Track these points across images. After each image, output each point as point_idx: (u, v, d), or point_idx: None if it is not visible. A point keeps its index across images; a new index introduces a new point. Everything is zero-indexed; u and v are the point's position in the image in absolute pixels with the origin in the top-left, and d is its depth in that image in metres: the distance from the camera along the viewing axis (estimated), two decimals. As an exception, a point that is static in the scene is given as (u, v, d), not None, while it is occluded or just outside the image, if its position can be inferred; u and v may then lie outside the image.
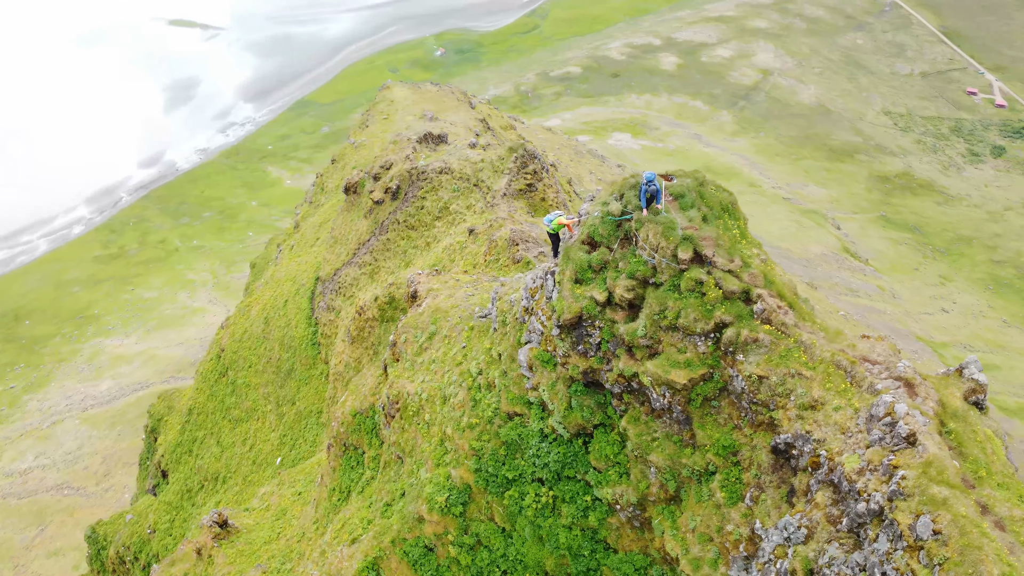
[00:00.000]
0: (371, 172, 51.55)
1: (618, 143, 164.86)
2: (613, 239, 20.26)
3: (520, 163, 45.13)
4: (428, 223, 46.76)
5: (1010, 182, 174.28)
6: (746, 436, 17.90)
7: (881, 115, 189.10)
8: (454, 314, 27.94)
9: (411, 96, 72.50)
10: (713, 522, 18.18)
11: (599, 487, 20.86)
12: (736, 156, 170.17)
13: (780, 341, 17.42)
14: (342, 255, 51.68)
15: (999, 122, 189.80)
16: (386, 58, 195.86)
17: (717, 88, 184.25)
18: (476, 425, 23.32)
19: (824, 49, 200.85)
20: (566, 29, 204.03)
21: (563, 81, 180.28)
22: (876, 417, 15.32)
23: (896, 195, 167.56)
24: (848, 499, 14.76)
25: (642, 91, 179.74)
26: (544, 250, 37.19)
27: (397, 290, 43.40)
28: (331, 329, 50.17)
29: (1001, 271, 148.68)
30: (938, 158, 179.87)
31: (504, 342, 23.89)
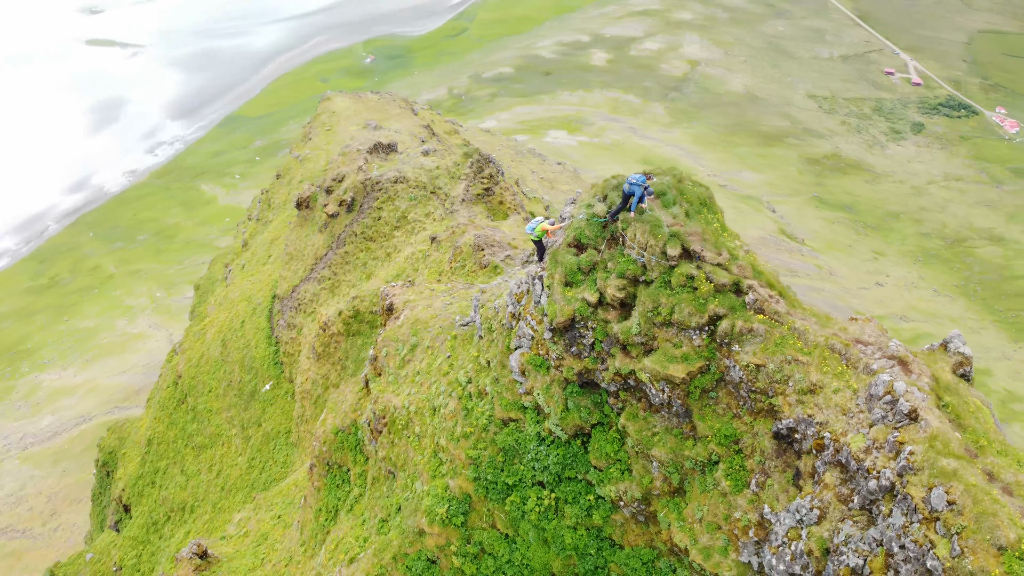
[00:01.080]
0: (323, 185, 50.97)
1: (555, 140, 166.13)
2: (600, 240, 20.54)
3: (476, 168, 45.23)
4: (387, 233, 46.50)
5: (931, 157, 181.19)
6: (746, 424, 18.36)
7: (807, 99, 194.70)
8: (434, 324, 27.89)
9: (353, 106, 71.81)
10: (720, 510, 18.60)
11: (601, 485, 21.11)
12: (672, 147, 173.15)
13: (774, 329, 17.93)
14: (299, 271, 50.99)
15: (917, 100, 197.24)
16: (316, 68, 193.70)
17: (648, 81, 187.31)
18: (471, 434, 23.34)
19: (748, 38, 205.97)
20: (495, 30, 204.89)
21: (496, 82, 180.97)
22: (876, 396, 15.91)
23: (827, 176, 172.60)
24: (857, 477, 15.30)
25: (575, 88, 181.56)
26: (510, 253, 37.37)
27: (361, 303, 43.08)
28: (293, 347, 49.48)
29: (928, 243, 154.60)
30: (863, 138, 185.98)
31: (492, 349, 23.96)
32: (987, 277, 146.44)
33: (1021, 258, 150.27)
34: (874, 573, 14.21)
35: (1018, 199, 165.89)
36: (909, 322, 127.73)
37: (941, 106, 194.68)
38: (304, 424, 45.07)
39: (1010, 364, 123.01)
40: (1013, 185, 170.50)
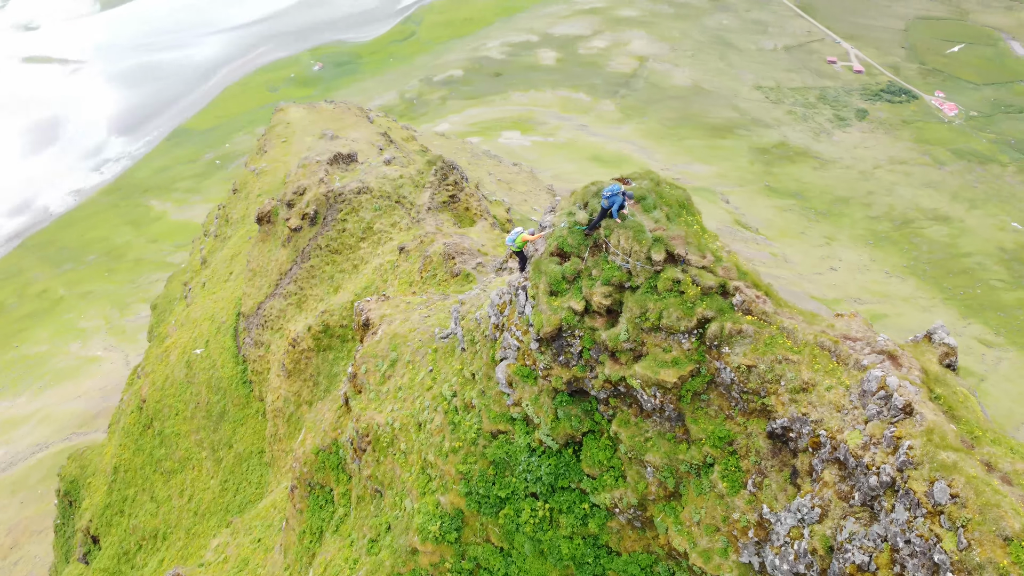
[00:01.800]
0: (284, 199, 50.17)
1: (509, 141, 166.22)
2: (583, 248, 20.48)
3: (441, 175, 44.93)
4: (352, 245, 45.94)
5: (875, 142, 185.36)
6: (739, 425, 18.46)
7: (753, 90, 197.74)
8: (413, 338, 27.58)
9: (308, 116, 70.86)
10: (718, 512, 18.68)
11: (596, 493, 21.06)
12: (624, 143, 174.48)
13: (763, 329, 18.05)
14: (263, 287, 50.12)
15: (859, 87, 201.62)
16: (262, 78, 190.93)
17: (597, 78, 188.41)
18: (459, 448, 23.12)
19: (693, 32, 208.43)
20: (443, 33, 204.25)
21: (447, 85, 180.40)
22: (869, 392, 16.10)
23: (776, 165, 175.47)
24: (857, 474, 15.47)
25: (526, 88, 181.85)
26: (481, 260, 37.19)
27: (331, 317, 42.54)
28: (262, 365, 48.63)
29: (878, 226, 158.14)
30: (809, 126, 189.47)
31: (476, 361, 23.76)
32: (935, 256, 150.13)
33: (966, 236, 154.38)
34: (881, 569, 14.37)
35: (960, 179, 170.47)
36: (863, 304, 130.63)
37: (883, 92, 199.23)
38: (277, 443, 44.32)
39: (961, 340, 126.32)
40: (954, 166, 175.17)
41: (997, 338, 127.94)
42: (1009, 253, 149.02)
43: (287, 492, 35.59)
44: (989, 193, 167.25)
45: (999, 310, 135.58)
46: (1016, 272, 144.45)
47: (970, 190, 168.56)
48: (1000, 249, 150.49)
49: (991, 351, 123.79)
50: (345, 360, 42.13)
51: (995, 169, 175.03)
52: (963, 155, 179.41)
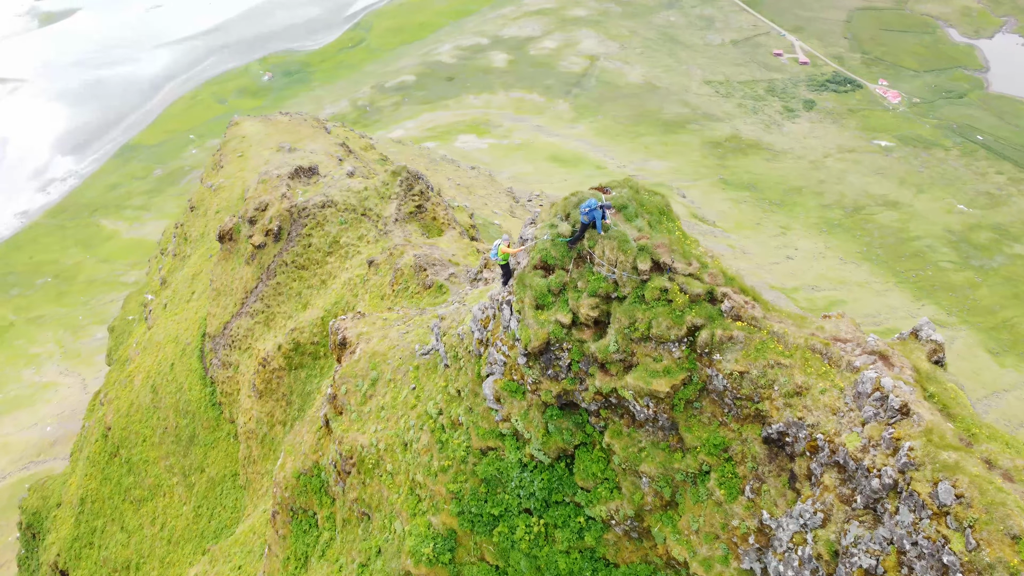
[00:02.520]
0: (245, 216, 49.21)
1: (465, 145, 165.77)
2: (567, 260, 20.30)
3: (406, 186, 44.44)
4: (319, 260, 45.22)
5: (824, 131, 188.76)
6: (734, 431, 18.45)
7: (703, 85, 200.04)
8: (393, 356, 27.15)
9: (263, 129, 69.68)
10: (716, 520, 18.64)
11: (591, 506, 20.91)
12: (579, 142, 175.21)
13: (754, 335, 18.05)
14: (229, 307, 49.10)
15: (805, 78, 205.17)
16: (211, 90, 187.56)
17: (550, 79, 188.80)
18: (449, 467, 22.78)
19: (642, 29, 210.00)
20: (393, 39, 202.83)
21: (399, 91, 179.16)
22: (864, 394, 16.18)
23: (729, 158, 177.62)
24: (858, 477, 15.53)
25: (479, 91, 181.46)
26: (453, 271, 36.86)
27: (301, 335, 41.85)
28: (231, 386, 47.63)
29: (830, 213, 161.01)
30: (759, 118, 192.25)
31: (461, 378, 23.45)
32: (886, 241, 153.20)
33: (915, 220, 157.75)
34: (888, 572, 14.42)
35: (906, 164, 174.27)
36: (820, 291, 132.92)
37: (828, 82, 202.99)
38: (252, 465, 43.43)
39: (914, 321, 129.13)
40: (901, 152, 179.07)
41: (949, 318, 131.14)
42: (956, 234, 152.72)
43: (267, 517, 34.87)
44: (934, 177, 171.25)
45: (950, 291, 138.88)
46: (964, 253, 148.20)
47: (916, 175, 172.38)
48: (948, 231, 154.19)
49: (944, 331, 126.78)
50: (318, 378, 41.44)
51: (939, 153, 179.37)
52: (908, 141, 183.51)
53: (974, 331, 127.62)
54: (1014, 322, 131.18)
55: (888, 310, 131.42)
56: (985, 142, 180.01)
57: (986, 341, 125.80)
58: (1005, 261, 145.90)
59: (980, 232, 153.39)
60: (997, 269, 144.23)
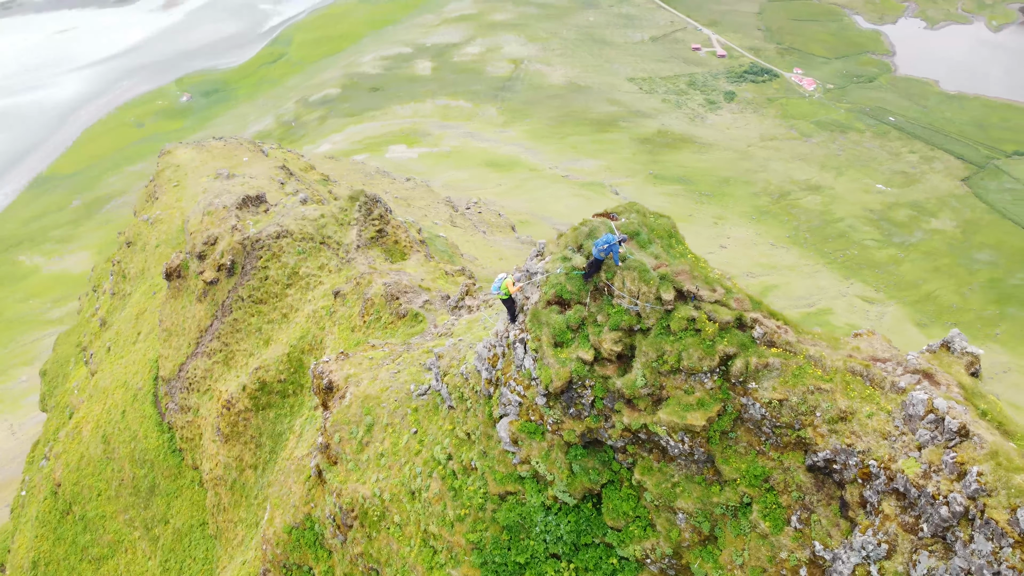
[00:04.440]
0: (194, 251, 46.88)
1: (396, 155, 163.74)
2: (584, 294, 19.44)
3: (366, 210, 42.93)
4: (278, 293, 43.32)
5: (746, 121, 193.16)
6: (774, 460, 17.89)
7: (628, 82, 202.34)
8: (388, 398, 25.83)
9: (198, 156, 66.79)
10: (762, 553, 18.05)
11: (623, 546, 20.09)
12: (511, 145, 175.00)
13: (790, 361, 17.52)
14: (182, 347, 46.70)
15: (724, 71, 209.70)
16: (128, 114, 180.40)
17: (476, 84, 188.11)
18: (466, 515, 21.66)
19: (563, 31, 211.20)
20: (314, 51, 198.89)
21: (324, 104, 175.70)
22: (916, 416, 15.78)
23: (659, 152, 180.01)
24: (921, 504, 15.10)
25: (406, 100, 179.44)
26: (427, 298, 35.67)
27: (266, 373, 40.04)
28: (192, 431, 45.29)
29: (759, 201, 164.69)
30: (684, 112, 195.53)
31: (470, 420, 22.35)
32: (813, 224, 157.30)
33: (837, 202, 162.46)
34: (969, 603, 14.01)
35: (825, 149, 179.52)
36: (756, 277, 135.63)
37: (746, 73, 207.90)
38: (222, 513, 41.29)
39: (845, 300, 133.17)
40: (819, 137, 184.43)
41: (877, 294, 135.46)
42: (876, 213, 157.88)
43: (251, 570, 33.03)
44: (852, 159, 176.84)
45: (875, 268, 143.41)
46: (885, 230, 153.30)
47: (835, 158, 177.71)
48: (868, 211, 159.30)
49: (874, 307, 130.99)
50: (289, 417, 39.66)
51: (854, 136, 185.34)
52: (825, 126, 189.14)
53: (901, 305, 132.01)
54: (936, 294, 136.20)
55: (818, 291, 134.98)
56: (896, 123, 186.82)
57: (913, 314, 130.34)
58: (924, 236, 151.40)
59: (898, 210, 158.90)
60: (917, 244, 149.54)
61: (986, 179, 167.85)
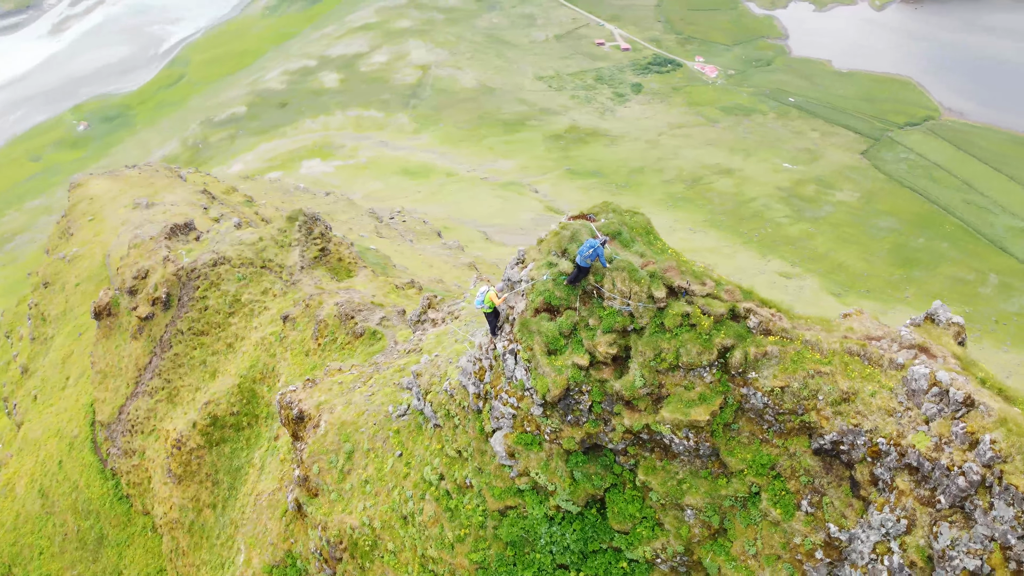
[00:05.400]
0: (124, 286, 44.61)
1: (311, 170, 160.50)
2: (573, 298, 19.14)
3: (306, 230, 41.64)
4: (220, 323, 41.60)
5: (654, 112, 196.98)
6: (778, 447, 17.98)
7: (536, 81, 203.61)
8: (366, 423, 24.97)
9: (113, 186, 63.64)
10: (776, 540, 18.12)
11: (631, 549, 19.89)
12: (426, 152, 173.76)
13: (788, 347, 17.63)
14: (121, 388, 44.38)
15: (629, 64, 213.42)
16: (22, 147, 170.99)
17: (385, 93, 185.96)
18: (466, 536, 21.09)
19: (468, 34, 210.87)
20: (215, 70, 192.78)
21: (231, 123, 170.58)
22: (920, 390, 16.07)
23: (572, 148, 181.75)
24: (936, 477, 15.36)
25: (315, 114, 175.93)
26: (384, 314, 34.85)
27: (218, 407, 38.49)
28: (139, 475, 43.08)
29: (673, 188, 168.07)
30: (593, 107, 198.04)
31: (460, 437, 21.78)
32: (727, 206, 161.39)
33: (748, 183, 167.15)
34: (997, 570, 14.31)
35: (732, 133, 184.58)
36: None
37: (651, 65, 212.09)
38: (182, 558, 39.39)
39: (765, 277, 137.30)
40: (725, 122, 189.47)
41: (794, 268, 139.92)
42: (786, 191, 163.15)
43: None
44: (759, 141, 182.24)
45: (790, 243, 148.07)
46: (795, 207, 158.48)
47: (743, 141, 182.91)
48: (778, 189, 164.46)
49: (792, 281, 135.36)
50: (246, 450, 38.12)
51: (759, 118, 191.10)
52: (730, 111, 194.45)
53: (817, 277, 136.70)
54: (847, 264, 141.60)
55: (740, 271, 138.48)
56: (796, 103, 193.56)
57: (828, 285, 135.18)
58: (831, 209, 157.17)
59: (805, 186, 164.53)
60: (826, 217, 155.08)
61: (882, 151, 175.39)
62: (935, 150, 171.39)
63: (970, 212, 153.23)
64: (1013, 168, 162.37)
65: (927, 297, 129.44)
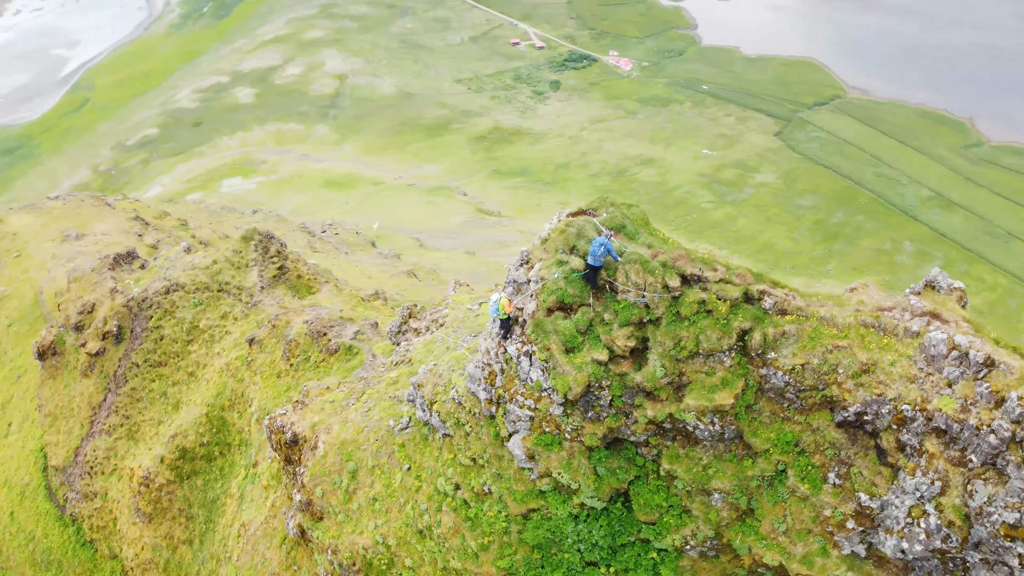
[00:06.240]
0: (68, 323, 42.51)
1: (232, 189, 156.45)
2: (587, 295, 19.06)
3: (262, 249, 40.43)
4: (179, 352, 40.05)
5: (574, 108, 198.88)
6: (800, 424, 18.29)
7: (455, 84, 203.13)
8: (367, 439, 24.35)
9: (36, 220, 60.53)
10: (805, 515, 18.43)
11: (660, 538, 19.94)
12: (349, 162, 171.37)
13: (804, 325, 17.94)
14: (74, 430, 42.28)
15: (546, 61, 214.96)
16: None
17: (303, 105, 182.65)
18: (490, 543, 20.78)
19: (382, 41, 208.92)
20: (122, 93, 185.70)
21: (145, 146, 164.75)
22: (939, 356, 16.56)
23: (496, 149, 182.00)
24: (966, 437, 15.84)
25: (232, 131, 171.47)
26: (358, 328, 34.15)
27: (186, 439, 37.13)
28: (103, 518, 41.13)
29: (599, 181, 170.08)
30: (514, 106, 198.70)
31: (474, 444, 21.45)
32: (653, 195, 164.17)
33: (671, 172, 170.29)
34: (1036, 520, 14.84)
35: (651, 123, 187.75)
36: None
37: (567, 62, 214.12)
38: (160, 601, 37.79)
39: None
40: (644, 113, 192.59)
41: (722, 251, 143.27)
42: (707, 176, 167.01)
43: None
44: (678, 130, 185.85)
45: (716, 227, 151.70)
46: (717, 191, 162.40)
47: (662, 131, 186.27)
48: (700, 175, 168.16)
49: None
50: (221, 481, 36.81)
51: (676, 108, 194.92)
52: (648, 102, 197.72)
53: (745, 258, 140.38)
54: (772, 242, 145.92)
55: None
56: (710, 90, 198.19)
57: (755, 264, 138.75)
58: (752, 191, 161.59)
59: (726, 170, 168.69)
60: (747, 200, 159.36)
61: (794, 131, 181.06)
62: (844, 127, 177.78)
63: (882, 185, 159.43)
64: (918, 140, 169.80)
65: (849, 270, 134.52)
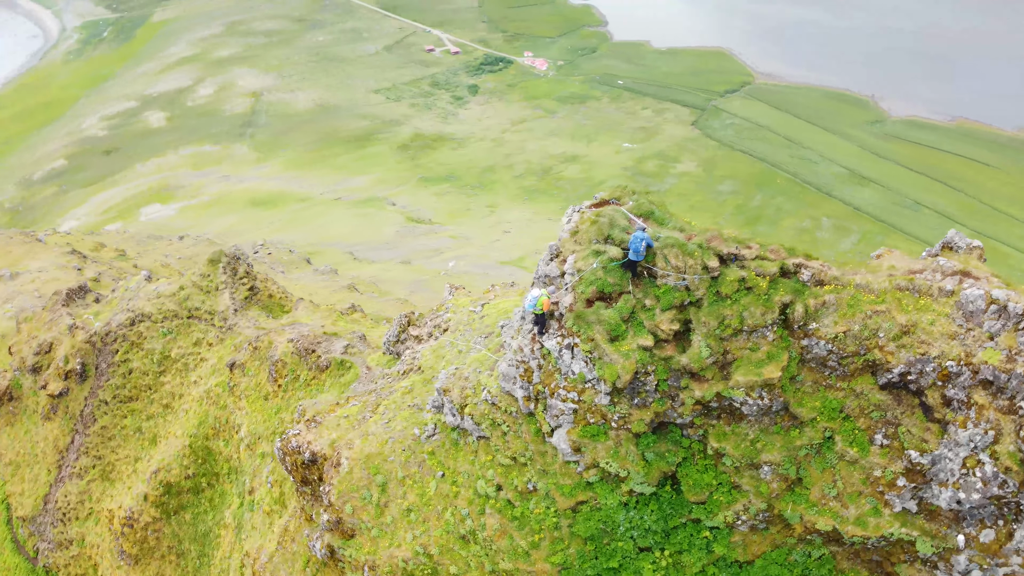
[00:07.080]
0: (24, 365, 40.31)
1: (153, 216, 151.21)
2: (625, 283, 19.14)
3: (231, 271, 39.14)
4: (151, 384, 38.45)
5: (494, 110, 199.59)
6: (843, 390, 18.78)
7: (373, 95, 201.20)
8: (392, 451, 23.84)
9: (-35, 262, 57.17)
10: (855, 477, 18.92)
11: (711, 516, 20.16)
12: (274, 180, 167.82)
13: (842, 293, 18.44)
14: (41, 477, 40.09)
15: (462, 66, 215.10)
16: None
17: (218, 126, 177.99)
18: (540, 540, 20.63)
19: (295, 55, 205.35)
20: (22, 126, 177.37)
21: (53, 179, 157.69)
22: (978, 311, 17.26)
23: (421, 156, 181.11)
24: (1013, 386, 16.55)
25: (146, 157, 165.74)
26: (348, 342, 33.47)
27: (169, 474, 35.77)
28: (81, 565, 39.12)
29: (525, 182, 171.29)
30: (434, 113, 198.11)
31: (513, 443, 21.25)
32: (579, 191, 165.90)
33: (595, 167, 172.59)
34: (1093, 456, 15.61)
35: (571, 121, 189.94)
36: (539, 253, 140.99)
37: (483, 65, 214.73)
38: (154, 646, 36.17)
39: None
40: (563, 111, 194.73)
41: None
42: (630, 169, 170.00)
43: None
44: (598, 126, 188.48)
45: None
46: (642, 183, 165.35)
47: (583, 128, 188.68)
48: (623, 168, 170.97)
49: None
50: (211, 512, 35.50)
51: (594, 104, 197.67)
52: (566, 100, 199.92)
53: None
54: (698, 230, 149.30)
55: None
56: (625, 85, 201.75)
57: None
58: (674, 181, 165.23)
59: (647, 162, 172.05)
60: (671, 189, 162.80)
61: (710, 119, 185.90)
62: (756, 113, 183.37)
63: (797, 165, 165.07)
64: (828, 121, 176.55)
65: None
